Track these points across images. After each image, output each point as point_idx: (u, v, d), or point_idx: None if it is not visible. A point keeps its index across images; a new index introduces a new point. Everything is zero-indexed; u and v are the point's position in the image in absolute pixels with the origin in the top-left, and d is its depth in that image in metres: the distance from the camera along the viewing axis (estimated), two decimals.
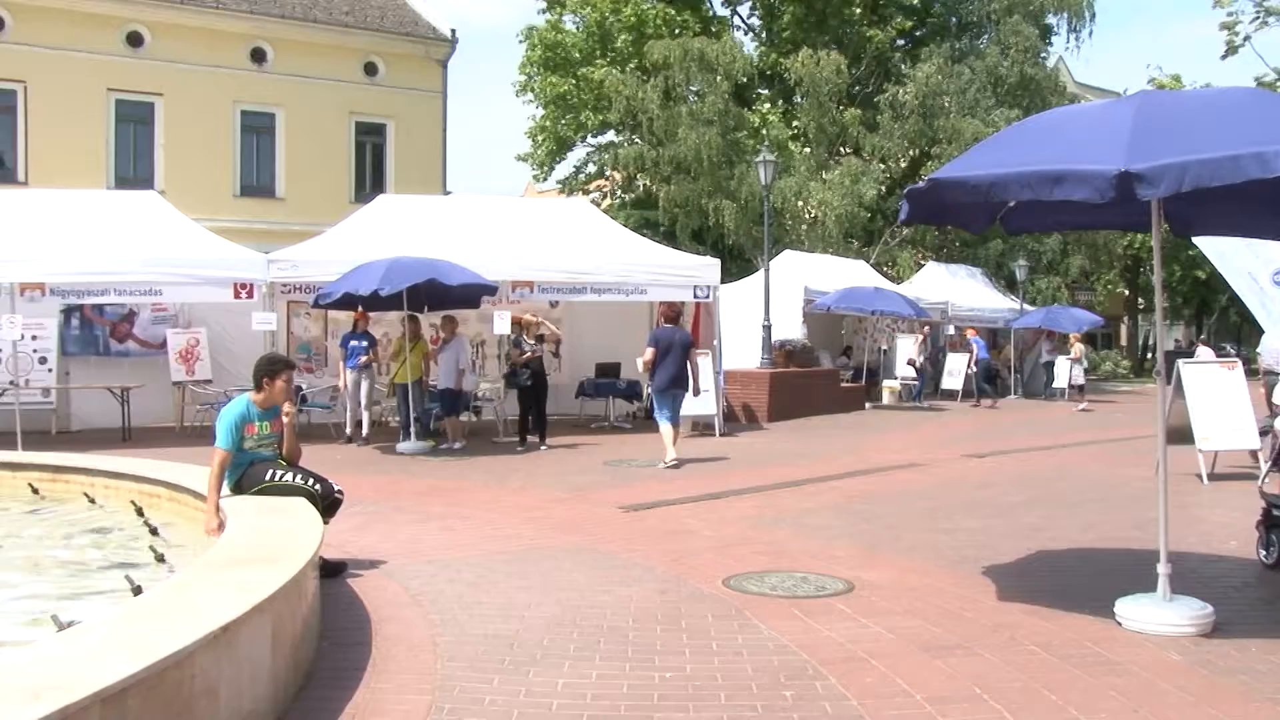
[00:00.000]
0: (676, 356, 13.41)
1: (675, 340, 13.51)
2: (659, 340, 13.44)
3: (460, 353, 15.28)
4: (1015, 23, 35.99)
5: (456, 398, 15.21)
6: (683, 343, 13.62)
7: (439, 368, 15.36)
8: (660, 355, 13.32)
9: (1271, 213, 6.81)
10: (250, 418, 7.34)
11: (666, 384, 13.38)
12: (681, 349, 13.51)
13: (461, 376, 15.20)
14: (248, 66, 29.20)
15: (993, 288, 33.68)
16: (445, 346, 15.30)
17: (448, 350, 15.20)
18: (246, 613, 4.25)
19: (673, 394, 13.47)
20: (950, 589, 6.97)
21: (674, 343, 13.46)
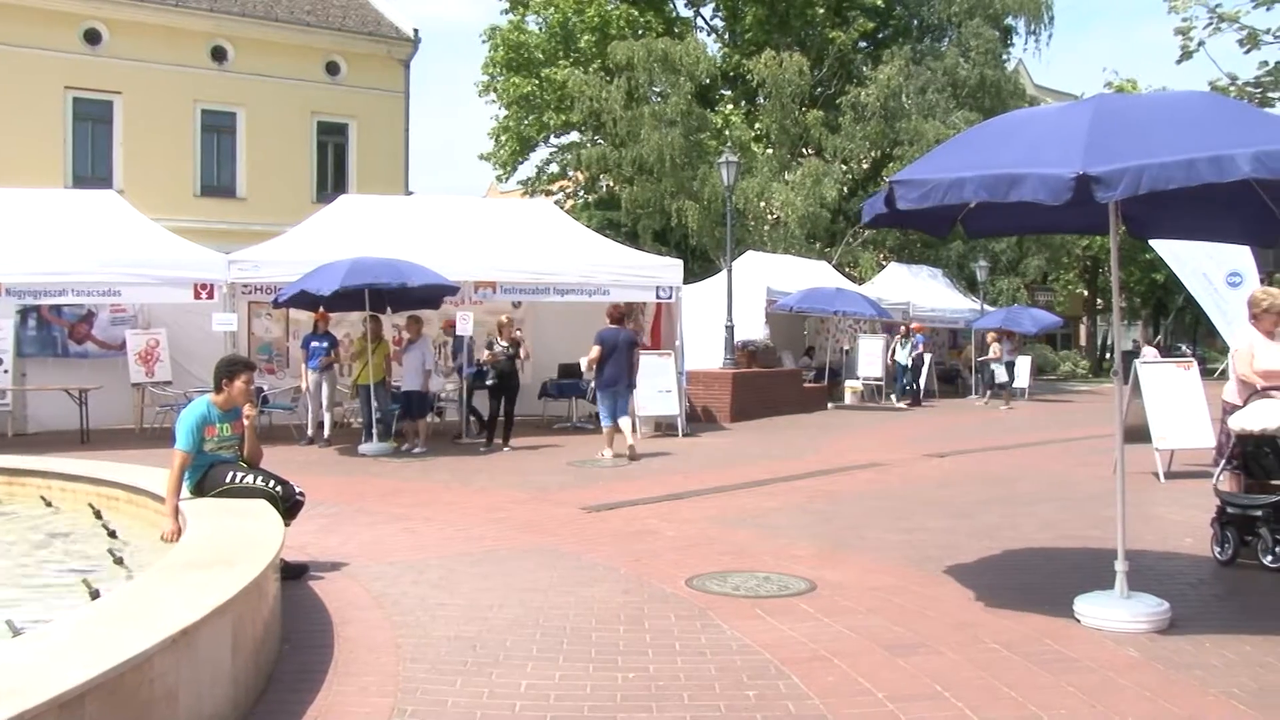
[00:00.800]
0: (621, 356, 14.09)
1: (620, 340, 14.15)
2: (605, 340, 14.05)
3: (425, 353, 15.16)
4: (975, 25, 36.31)
5: (422, 399, 15.08)
6: (627, 342, 14.29)
7: (404, 368, 15.24)
8: (606, 354, 13.98)
9: (1226, 217, 6.91)
10: (210, 419, 7.28)
11: (611, 381, 14.03)
12: (626, 348, 14.19)
13: (428, 377, 15.06)
14: (208, 65, 28.94)
15: (953, 288, 33.95)
16: (410, 347, 15.20)
17: (413, 351, 15.10)
18: (206, 615, 4.22)
19: (614, 391, 14.09)
20: (912, 588, 7.02)
21: (619, 342, 14.11)
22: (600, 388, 14.23)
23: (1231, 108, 6.48)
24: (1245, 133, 5.47)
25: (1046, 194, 5.40)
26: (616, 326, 14.31)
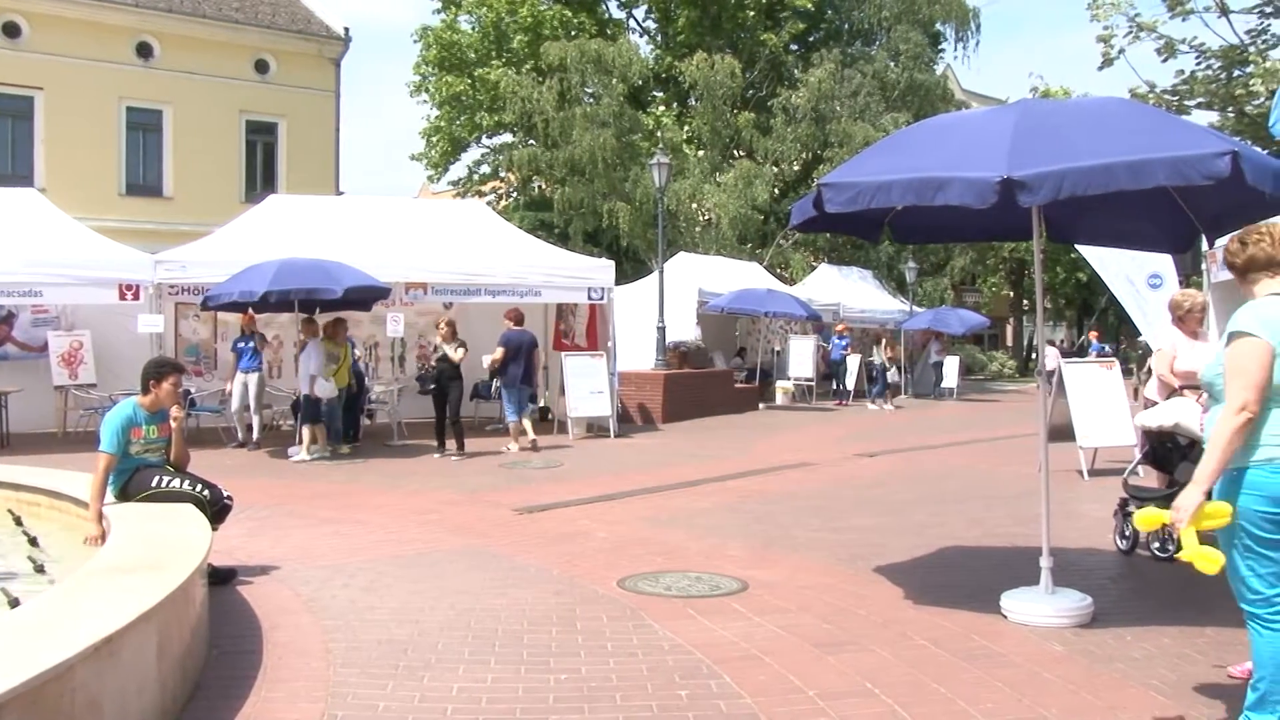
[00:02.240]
0: (524, 356, 15.19)
1: (524, 342, 15.23)
2: (510, 341, 15.03)
3: (313, 357, 14.38)
4: (905, 30, 36.78)
5: (315, 404, 14.37)
6: (530, 343, 15.41)
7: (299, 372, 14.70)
8: (511, 355, 14.99)
9: (1145, 222, 7.06)
10: (136, 421, 7.16)
11: (517, 380, 15.14)
12: (529, 349, 15.33)
13: (312, 382, 14.29)
14: (133, 61, 28.42)
15: (883, 289, 34.33)
16: (303, 350, 14.62)
17: (303, 354, 14.55)
18: (131, 623, 4.14)
19: (520, 389, 15.22)
20: (842, 586, 7.09)
21: (523, 344, 15.20)
22: (506, 386, 15.16)
23: (1151, 115, 6.62)
24: (1163, 140, 5.60)
25: (972, 197, 5.48)
26: (520, 328, 15.22)
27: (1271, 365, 4.10)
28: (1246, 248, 4.43)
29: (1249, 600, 4.17)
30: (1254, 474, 4.11)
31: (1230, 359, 4.17)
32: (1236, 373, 4.11)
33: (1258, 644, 4.16)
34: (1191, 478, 4.20)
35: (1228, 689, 5.02)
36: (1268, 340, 4.10)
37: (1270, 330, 4.12)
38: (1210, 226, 6.90)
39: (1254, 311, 4.22)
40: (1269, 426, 4.13)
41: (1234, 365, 4.14)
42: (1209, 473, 4.10)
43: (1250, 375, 4.07)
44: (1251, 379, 4.07)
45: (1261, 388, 4.08)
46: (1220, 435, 4.09)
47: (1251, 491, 4.10)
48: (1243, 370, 4.10)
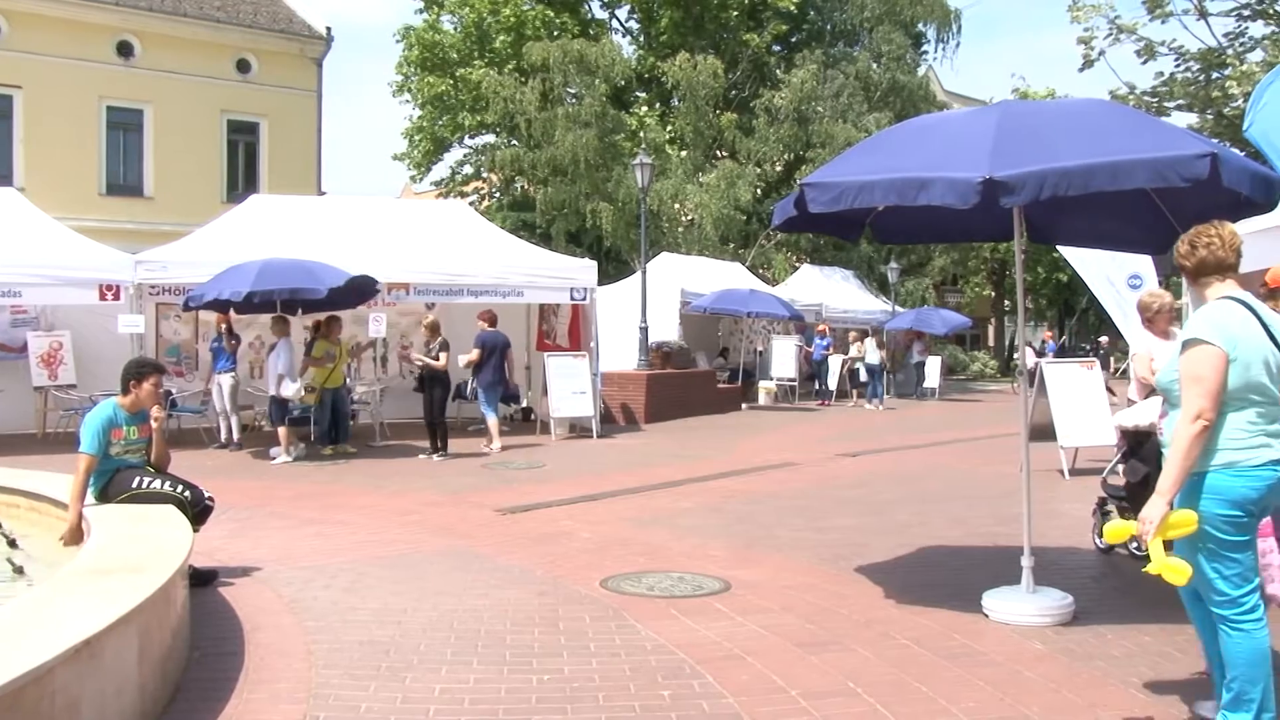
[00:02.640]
0: (499, 357, 15.31)
1: (499, 343, 15.30)
2: (485, 343, 15.08)
3: (282, 357, 14.21)
4: (886, 31, 36.89)
5: (283, 406, 14.21)
6: (505, 344, 15.47)
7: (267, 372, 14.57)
8: (487, 356, 15.05)
9: (1125, 222, 7.09)
10: (117, 422, 7.13)
11: (493, 381, 15.22)
12: (503, 350, 15.42)
13: (280, 382, 14.14)
14: (113, 60, 28.26)
15: (865, 289, 34.42)
16: (272, 350, 14.52)
17: (271, 355, 14.44)
18: (112, 625, 4.13)
19: (497, 390, 15.35)
20: (824, 586, 7.11)
21: (497, 345, 15.28)
22: (484, 386, 15.16)
23: (1130, 116, 6.66)
24: (1142, 141, 5.63)
25: (954, 197, 5.50)
26: (494, 329, 15.28)
27: (1226, 371, 4.15)
28: (1196, 250, 4.46)
29: (1216, 603, 4.23)
30: (1214, 478, 4.17)
31: (1186, 366, 4.22)
32: (1193, 380, 4.17)
33: (1229, 645, 4.21)
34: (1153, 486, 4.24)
35: (1208, 686, 5.05)
36: (1222, 347, 4.16)
37: (1224, 336, 4.18)
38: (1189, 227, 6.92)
39: (1208, 317, 4.26)
40: (1227, 430, 4.18)
41: (1190, 373, 4.19)
42: (1172, 482, 4.14)
43: (1206, 383, 4.13)
44: (1207, 386, 4.12)
45: (1217, 394, 4.13)
46: (1179, 444, 4.14)
47: (1213, 495, 4.16)
48: (1199, 378, 4.15)
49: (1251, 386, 4.19)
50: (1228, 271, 4.42)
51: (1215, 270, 4.42)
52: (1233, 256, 4.42)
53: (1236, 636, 4.18)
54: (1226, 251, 4.40)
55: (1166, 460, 4.20)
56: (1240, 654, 4.18)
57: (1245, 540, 4.19)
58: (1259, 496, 4.17)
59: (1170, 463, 4.16)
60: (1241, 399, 4.19)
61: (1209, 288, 4.43)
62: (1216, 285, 4.41)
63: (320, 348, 14.70)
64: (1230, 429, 4.18)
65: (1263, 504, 4.23)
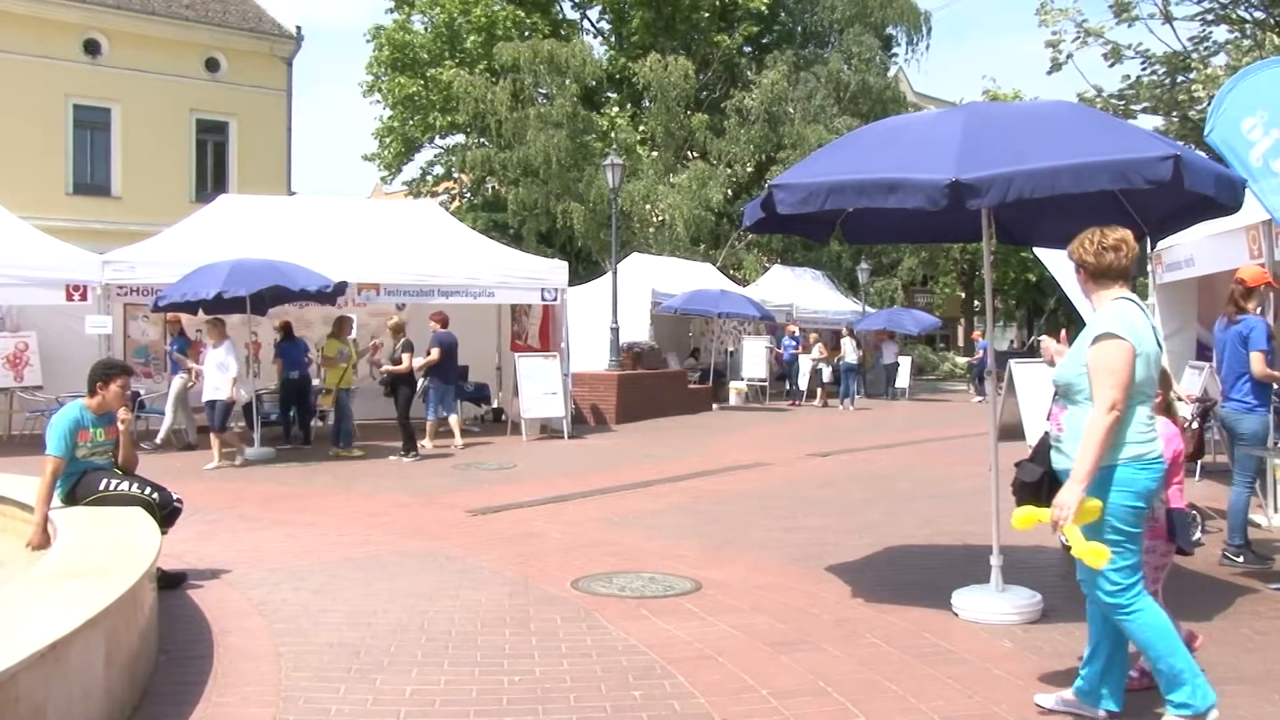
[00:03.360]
0: (454, 357, 15.58)
1: (453, 343, 15.49)
2: (442, 343, 15.20)
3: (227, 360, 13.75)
4: (857, 33, 37.06)
5: (225, 410, 13.74)
6: (455, 343, 15.63)
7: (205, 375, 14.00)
8: (445, 356, 15.17)
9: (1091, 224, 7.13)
10: (84, 424, 7.07)
11: (449, 380, 15.57)
12: (455, 350, 15.65)
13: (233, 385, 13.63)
14: (80, 59, 28.04)
15: (835, 290, 34.53)
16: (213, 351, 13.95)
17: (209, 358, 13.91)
18: (78, 628, 4.09)
19: (451, 389, 15.73)
20: (795, 586, 7.13)
21: (452, 345, 15.47)
22: (437, 387, 15.35)
23: (1096, 119, 6.70)
24: (1107, 143, 5.67)
25: (922, 199, 5.53)
26: (447, 330, 15.44)
27: (1135, 365, 4.30)
28: (1106, 254, 4.58)
29: (1107, 592, 4.39)
30: (1123, 471, 4.33)
31: (1098, 360, 4.36)
32: (1106, 373, 4.30)
33: (1133, 632, 4.38)
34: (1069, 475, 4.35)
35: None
36: (1131, 342, 4.31)
37: (1131, 332, 4.34)
38: (1155, 228, 7.01)
39: (1116, 315, 4.41)
40: (1132, 425, 4.35)
41: (1104, 366, 4.32)
42: (1087, 470, 4.25)
43: (1119, 375, 4.28)
44: (1120, 379, 4.27)
45: (1128, 387, 4.29)
46: (1094, 434, 4.26)
47: (1122, 488, 4.32)
48: (1112, 371, 4.29)
49: (1149, 382, 4.42)
50: (1128, 281, 4.59)
51: (1119, 276, 4.57)
52: (1133, 266, 4.61)
53: (1136, 620, 4.36)
54: (1130, 260, 4.58)
55: (1080, 449, 4.30)
56: (1149, 635, 4.35)
57: (1139, 532, 4.41)
58: (1156, 488, 4.43)
59: (1084, 452, 4.27)
60: (1141, 394, 4.39)
61: (1108, 289, 4.58)
62: (1115, 289, 4.57)
63: (332, 347, 14.62)
64: (1135, 423, 4.37)
65: (1156, 495, 4.50)
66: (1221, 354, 7.91)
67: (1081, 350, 4.48)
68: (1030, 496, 5.16)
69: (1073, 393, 4.52)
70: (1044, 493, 4.83)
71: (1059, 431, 4.65)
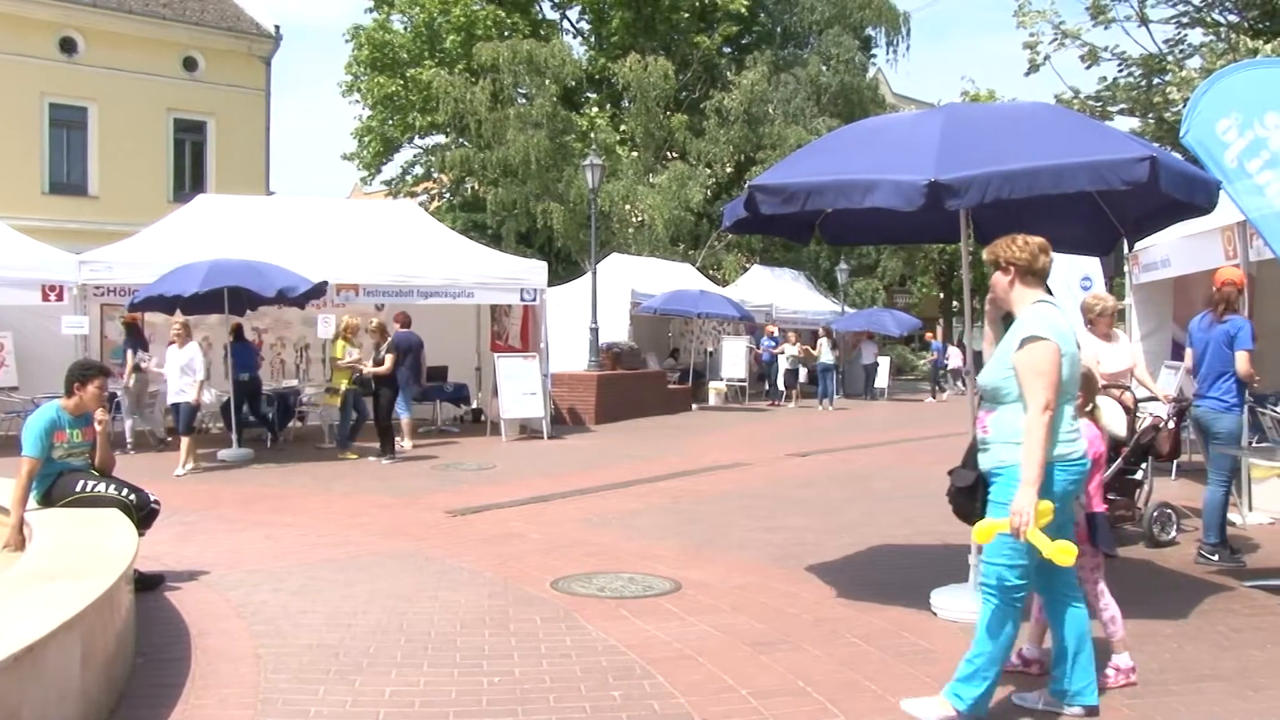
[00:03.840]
0: (415, 357, 15.49)
1: (414, 344, 15.41)
2: (400, 344, 14.90)
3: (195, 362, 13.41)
4: (836, 34, 37.16)
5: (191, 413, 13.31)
6: (420, 345, 15.69)
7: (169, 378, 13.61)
8: (402, 356, 14.83)
9: (1070, 224, 7.19)
10: (60, 425, 7.02)
11: (409, 381, 15.33)
12: (418, 350, 15.66)
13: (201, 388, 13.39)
14: (56, 57, 27.80)
15: (815, 290, 34.60)
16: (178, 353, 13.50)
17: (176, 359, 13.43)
18: (54, 631, 4.07)
19: (410, 389, 15.53)
20: (774, 586, 7.14)
21: (413, 346, 15.39)
22: (402, 385, 14.98)
23: (1073, 120, 6.74)
24: (1084, 145, 5.71)
25: (900, 200, 5.56)
26: (407, 330, 15.39)
27: (1061, 366, 4.39)
28: (1040, 257, 4.71)
29: (999, 582, 4.46)
30: (1055, 471, 4.42)
31: (1028, 362, 4.42)
32: (1037, 374, 4.37)
33: (987, 616, 4.46)
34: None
35: (1154, 682, 5.14)
36: (1057, 343, 4.40)
37: (1057, 333, 4.43)
38: (1132, 229, 7.06)
39: (1040, 317, 4.50)
40: (1061, 424, 4.44)
41: (1034, 367, 4.39)
42: (1035, 473, 4.30)
43: (1049, 376, 4.36)
44: (1051, 379, 4.35)
45: (1058, 387, 4.37)
46: (1035, 435, 4.32)
47: (1044, 489, 4.37)
48: (1041, 372, 4.37)
49: (1072, 382, 4.53)
50: (1043, 285, 4.72)
51: (1044, 278, 4.73)
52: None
53: (1000, 618, 4.44)
54: (1049, 266, 4.73)
55: (1025, 452, 4.35)
56: (993, 632, 4.44)
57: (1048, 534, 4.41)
58: (1074, 490, 4.53)
59: (1030, 454, 4.31)
60: (1066, 394, 4.48)
61: (1032, 291, 4.68)
62: (1032, 291, 4.68)
63: (340, 349, 14.50)
64: (1060, 423, 4.44)
65: (1073, 498, 4.59)
66: (1202, 353, 7.94)
67: (1007, 354, 4.55)
68: (965, 501, 5.21)
69: (1000, 395, 4.60)
70: (979, 496, 4.86)
71: (985, 434, 4.70)
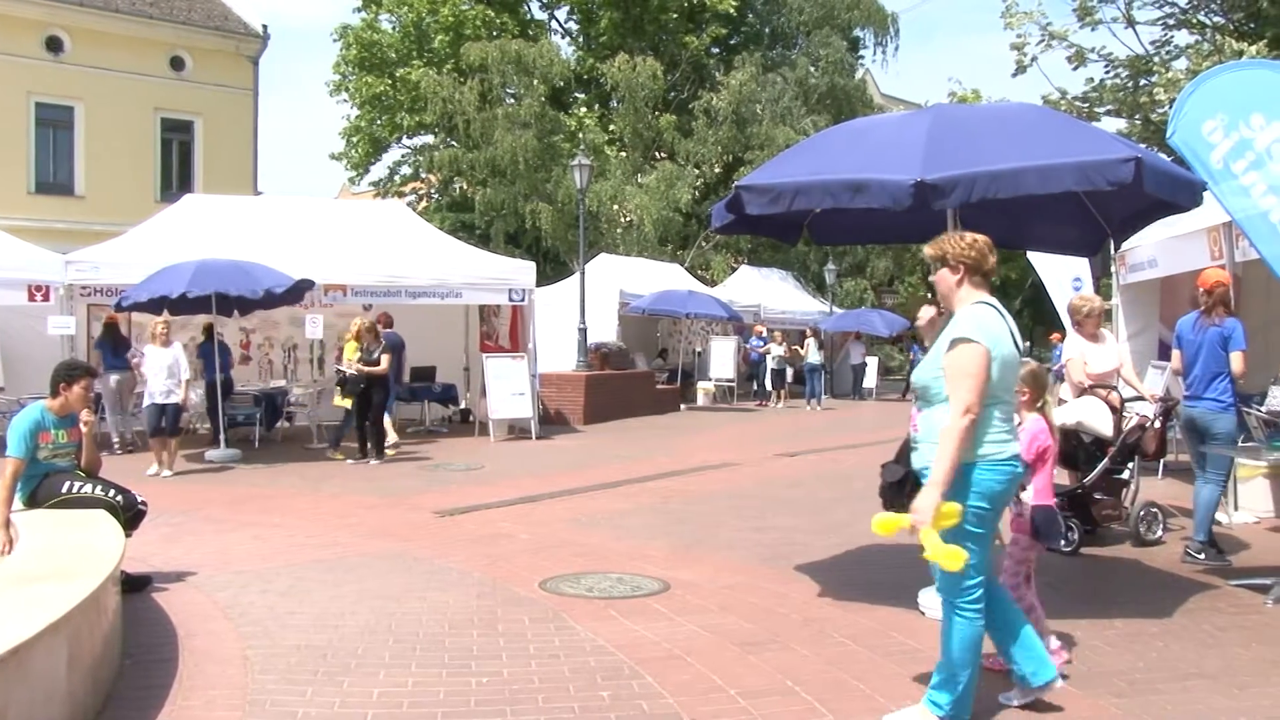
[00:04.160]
0: (398, 357, 15.78)
1: (396, 343, 15.59)
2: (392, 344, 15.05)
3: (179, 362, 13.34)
4: (825, 34, 37.22)
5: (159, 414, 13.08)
6: (402, 345, 16.10)
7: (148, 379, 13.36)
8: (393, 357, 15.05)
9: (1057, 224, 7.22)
10: (45, 425, 6.99)
11: (394, 380, 15.49)
12: (400, 350, 16.01)
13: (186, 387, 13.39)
14: (42, 56, 27.70)
15: (803, 290, 34.64)
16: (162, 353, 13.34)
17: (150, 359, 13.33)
18: (40, 633, 4.06)
19: (393, 390, 15.60)
20: (763, 586, 7.15)
21: (398, 345, 15.72)
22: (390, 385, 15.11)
23: (1059, 121, 6.77)
24: (1071, 145, 5.74)
25: (888, 200, 5.58)
26: (391, 330, 15.60)
27: (990, 369, 4.39)
28: (988, 256, 4.71)
29: (953, 590, 4.51)
30: (976, 471, 4.42)
31: (955, 363, 4.43)
32: (962, 377, 4.38)
33: (954, 631, 4.50)
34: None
35: (1140, 680, 5.16)
36: (986, 346, 4.40)
37: (988, 336, 4.43)
38: (1118, 229, 7.08)
39: (974, 319, 4.50)
40: (985, 426, 4.43)
41: (960, 369, 4.40)
42: (944, 474, 4.31)
43: (975, 379, 4.35)
44: (976, 383, 4.35)
45: (983, 390, 4.37)
46: (949, 438, 4.33)
47: (974, 488, 4.41)
48: (967, 374, 4.37)
49: (1004, 384, 4.51)
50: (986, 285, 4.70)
51: (989, 277, 4.71)
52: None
53: (960, 623, 4.49)
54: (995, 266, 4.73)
55: (938, 454, 4.37)
56: (960, 639, 4.48)
57: (986, 533, 4.50)
58: (1004, 490, 4.51)
59: (942, 456, 4.33)
60: (995, 396, 4.46)
61: (977, 290, 4.67)
62: (980, 291, 4.67)
63: (353, 350, 14.40)
64: (989, 425, 4.45)
65: (1005, 498, 4.58)
66: (1195, 354, 7.93)
67: (940, 353, 4.56)
68: (894, 496, 5.24)
69: (929, 395, 4.60)
70: (907, 493, 4.89)
71: (915, 433, 4.72)
